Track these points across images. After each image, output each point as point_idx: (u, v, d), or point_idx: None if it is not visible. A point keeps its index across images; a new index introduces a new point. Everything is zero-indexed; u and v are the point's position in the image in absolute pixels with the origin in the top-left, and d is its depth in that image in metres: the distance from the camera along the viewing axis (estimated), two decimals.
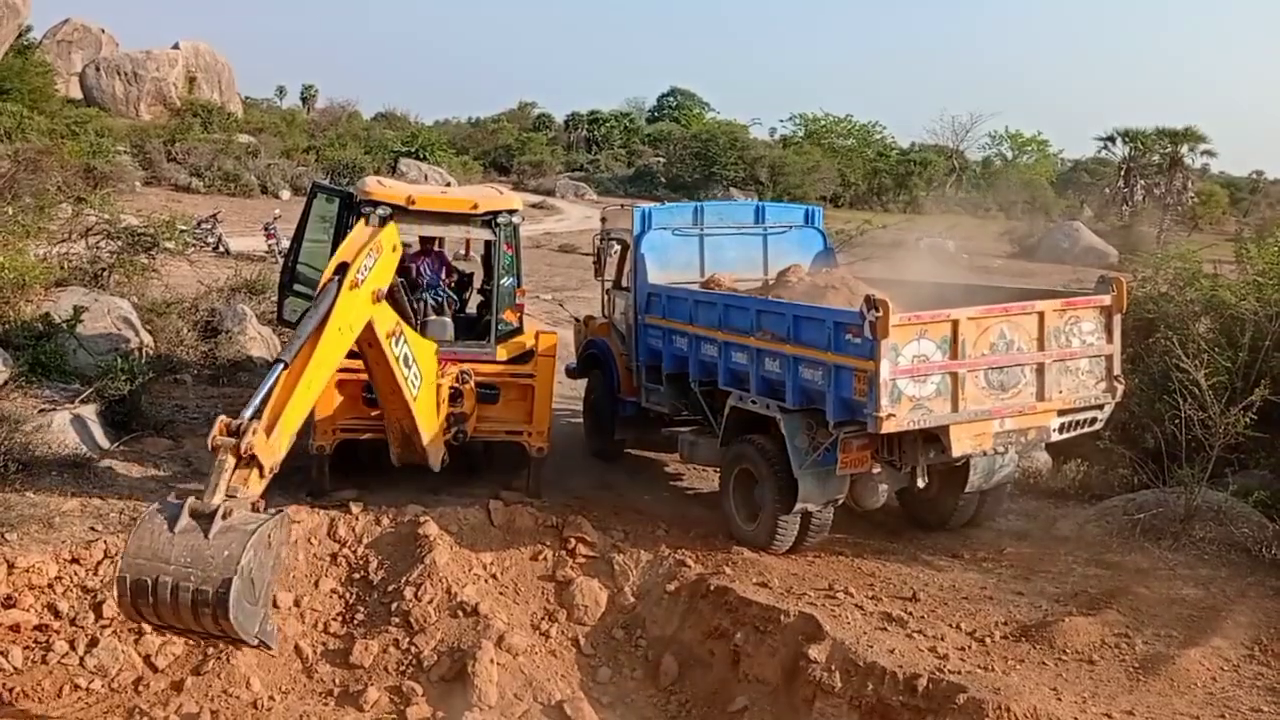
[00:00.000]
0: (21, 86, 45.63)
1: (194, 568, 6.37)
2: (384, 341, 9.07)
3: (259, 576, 6.61)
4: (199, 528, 6.44)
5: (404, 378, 9.45)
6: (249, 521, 6.56)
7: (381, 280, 8.80)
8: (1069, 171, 76.86)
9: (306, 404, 7.86)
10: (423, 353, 9.87)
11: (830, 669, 7.89)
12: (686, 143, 66.49)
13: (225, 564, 6.35)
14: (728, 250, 12.20)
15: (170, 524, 6.45)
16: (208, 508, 6.52)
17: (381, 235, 8.92)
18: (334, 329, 8.06)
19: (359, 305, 8.44)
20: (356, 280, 8.30)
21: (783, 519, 9.70)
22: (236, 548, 6.39)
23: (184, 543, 6.40)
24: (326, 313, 7.97)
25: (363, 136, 59.39)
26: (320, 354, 7.88)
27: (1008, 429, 9.32)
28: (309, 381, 7.75)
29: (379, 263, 8.70)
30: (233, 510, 6.57)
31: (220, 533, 6.43)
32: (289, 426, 7.45)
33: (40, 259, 15.14)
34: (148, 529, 6.50)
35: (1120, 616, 8.60)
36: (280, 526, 6.89)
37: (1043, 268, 39.72)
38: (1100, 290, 9.79)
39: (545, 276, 26.59)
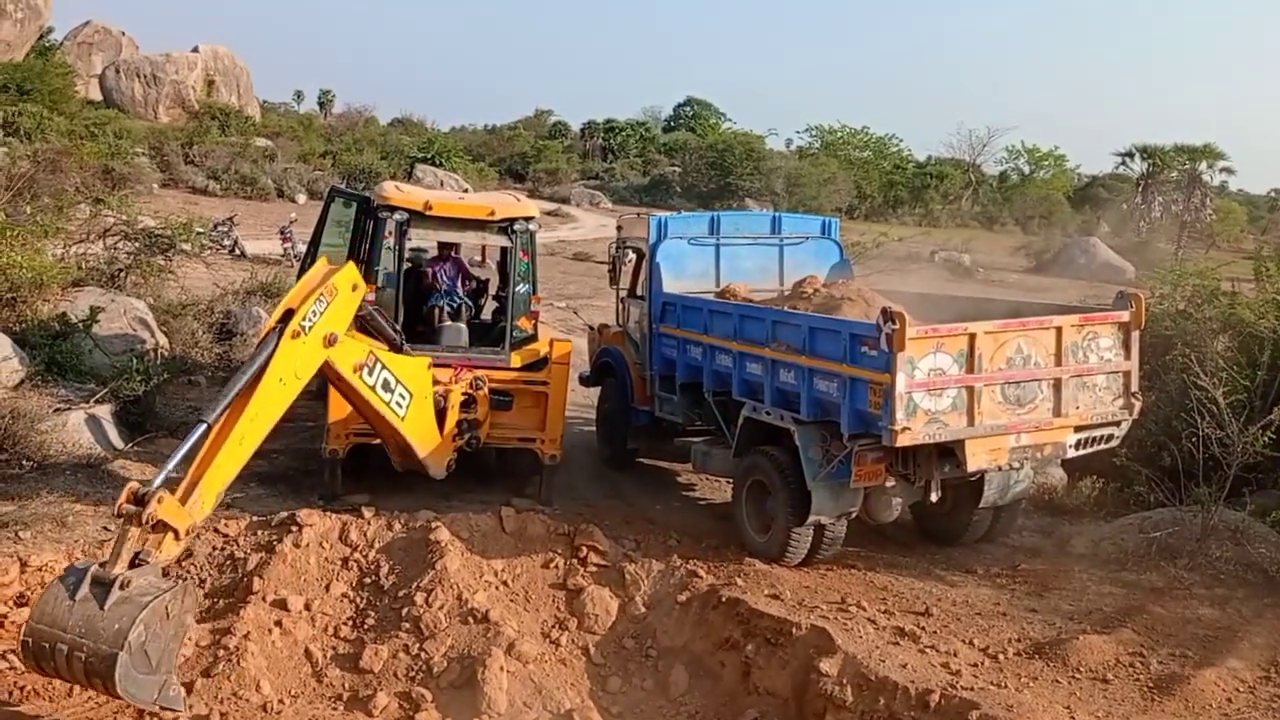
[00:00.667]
0: (42, 87, 45.92)
1: (87, 638, 6.41)
2: (351, 377, 8.88)
3: (153, 648, 6.60)
4: (96, 597, 6.45)
5: (384, 403, 9.28)
6: (146, 592, 6.55)
7: (336, 323, 8.43)
8: (1086, 187, 76.64)
9: (238, 461, 7.63)
10: (409, 370, 9.68)
11: (842, 683, 7.84)
12: (702, 153, 66.58)
13: (114, 638, 6.38)
14: (743, 260, 12.18)
15: (72, 591, 6.48)
16: (107, 576, 6.51)
17: (337, 277, 8.50)
18: (273, 380, 7.74)
19: (305, 353, 8.09)
20: (301, 329, 7.96)
21: (795, 531, 9.65)
22: (127, 621, 6.41)
23: (81, 612, 6.44)
24: (263, 366, 7.68)
25: (379, 142, 59.71)
26: (257, 406, 7.61)
27: (1024, 444, 9.27)
28: (241, 437, 7.50)
29: (332, 306, 8.32)
30: (132, 580, 6.56)
31: (115, 604, 6.45)
32: (213, 487, 7.32)
33: (58, 259, 15.20)
34: (53, 594, 6.55)
35: (1135, 635, 8.53)
36: (181, 596, 6.86)
37: (1058, 283, 39.53)
38: (1119, 306, 9.73)
39: (560, 284, 26.63)
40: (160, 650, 6.69)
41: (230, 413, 7.47)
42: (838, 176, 65.14)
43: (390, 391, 9.32)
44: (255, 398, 7.59)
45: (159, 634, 6.64)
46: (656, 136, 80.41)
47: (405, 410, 9.55)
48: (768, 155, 68.62)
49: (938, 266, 40.33)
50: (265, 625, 8.52)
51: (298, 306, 8.03)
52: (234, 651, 8.08)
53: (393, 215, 10.64)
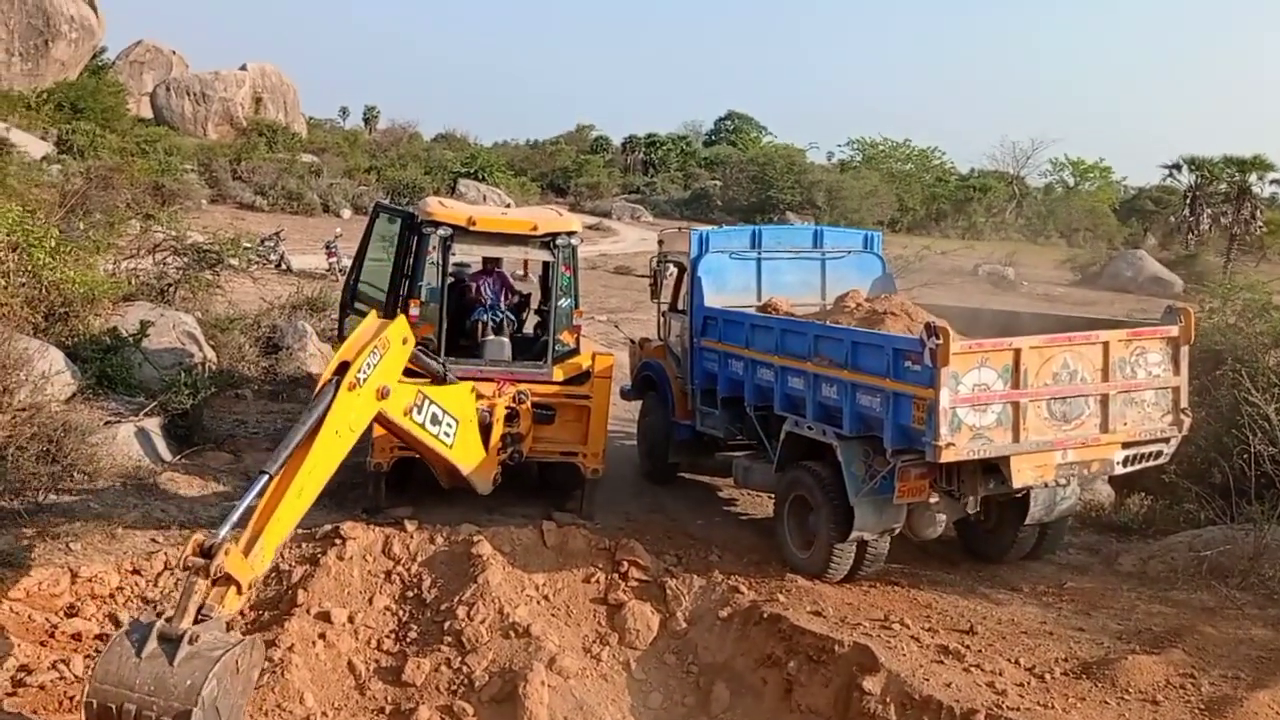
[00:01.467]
0: (95, 105, 46.98)
1: (157, 696, 6.25)
2: (402, 421, 9.07)
3: (224, 704, 6.48)
4: (165, 653, 6.30)
5: (433, 436, 9.47)
6: (216, 647, 6.41)
7: (389, 376, 8.57)
8: (1132, 199, 75.75)
9: (297, 513, 7.61)
10: (454, 399, 9.82)
11: (885, 701, 7.76)
12: (743, 166, 66.61)
13: (187, 694, 6.23)
14: (785, 274, 12.14)
15: (138, 648, 6.32)
16: (174, 632, 6.37)
17: (389, 330, 8.69)
18: (330, 432, 7.76)
19: (360, 406, 8.19)
20: (356, 380, 8.05)
21: (838, 547, 9.58)
22: (199, 676, 6.26)
23: (149, 669, 6.28)
24: (321, 417, 7.70)
25: (423, 157, 60.35)
26: (315, 459, 7.62)
27: (1070, 461, 9.15)
28: (300, 489, 7.48)
29: (384, 359, 8.44)
30: (200, 635, 6.43)
31: (185, 659, 6.30)
32: (273, 540, 7.30)
33: (109, 274, 15.49)
34: (116, 652, 6.39)
35: (1185, 656, 8.36)
36: (249, 651, 6.74)
37: (1105, 296, 39.08)
38: (1167, 321, 9.59)
39: (601, 298, 26.69)
40: (230, 706, 6.58)
41: (288, 465, 7.46)
42: (880, 189, 64.84)
43: (438, 424, 9.49)
44: (314, 450, 7.61)
45: (229, 689, 6.53)
46: (697, 150, 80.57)
47: (453, 439, 9.72)
48: (809, 169, 68.52)
49: (981, 280, 40.05)
50: (309, 638, 8.59)
51: (353, 359, 8.12)
52: (278, 664, 8.15)
53: (436, 230, 10.73)
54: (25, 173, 24.74)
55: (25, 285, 12.86)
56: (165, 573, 9.12)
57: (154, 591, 8.98)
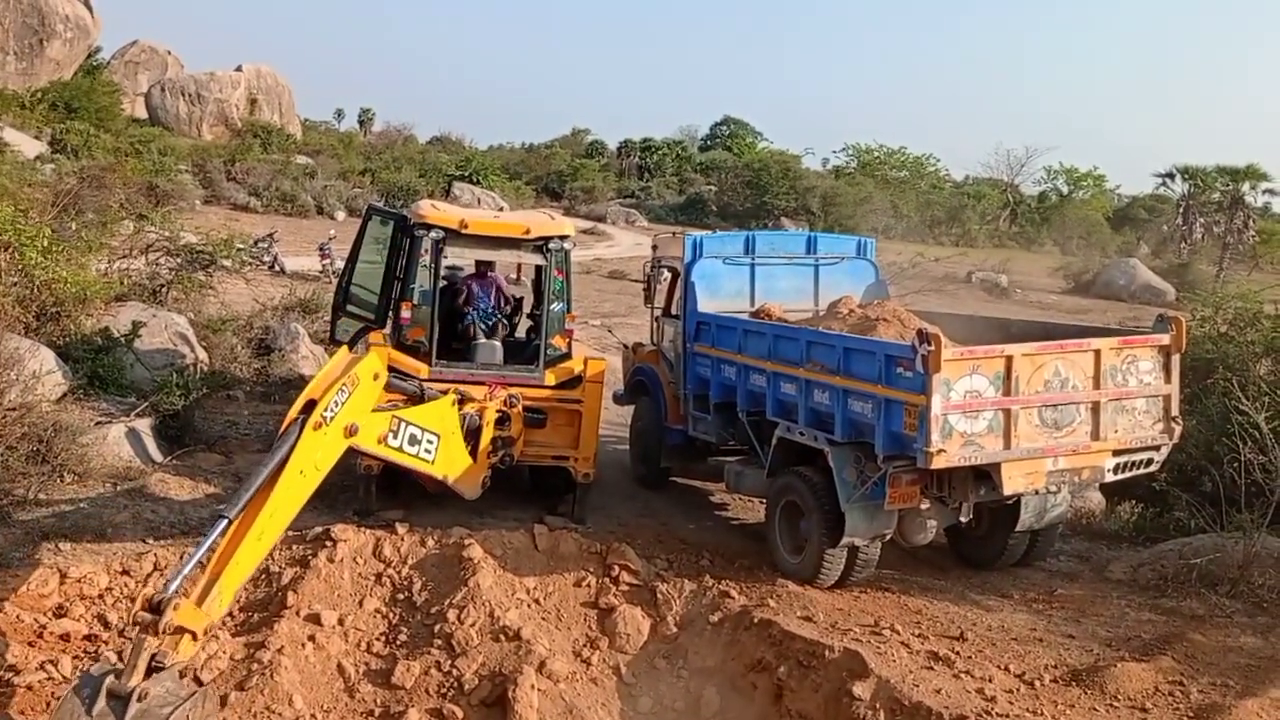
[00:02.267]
0: (89, 105, 46.86)
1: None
2: (377, 450, 8.96)
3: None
4: (114, 711, 6.21)
5: (412, 457, 9.37)
6: (166, 703, 6.29)
7: (357, 413, 8.34)
8: (1126, 208, 76.12)
9: (257, 556, 7.43)
10: (433, 415, 9.70)
11: (875, 707, 7.76)
12: (738, 172, 66.74)
13: None
14: (779, 280, 12.15)
15: (88, 705, 6.21)
16: (124, 689, 6.25)
17: (359, 366, 8.45)
18: (294, 472, 7.56)
19: (327, 445, 7.98)
20: (322, 420, 7.82)
21: (829, 553, 9.59)
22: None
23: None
24: (284, 459, 7.49)
25: (418, 160, 60.28)
26: (278, 500, 7.39)
27: (1061, 468, 9.16)
28: (260, 532, 7.26)
29: (353, 396, 8.21)
30: (150, 690, 6.29)
31: (134, 718, 6.21)
32: (231, 584, 7.08)
33: (101, 274, 15.45)
34: (67, 709, 6.27)
35: (1175, 663, 8.38)
36: (201, 703, 6.57)
37: (1098, 304, 39.25)
38: (1159, 329, 9.62)
39: (594, 302, 26.68)
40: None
41: (250, 508, 7.26)
42: (874, 196, 65.03)
43: (417, 444, 9.39)
44: (276, 491, 7.36)
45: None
46: (693, 155, 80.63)
47: (434, 455, 9.63)
48: (804, 175, 68.69)
49: (975, 287, 40.16)
50: (299, 640, 8.56)
51: (320, 397, 7.90)
52: (267, 666, 8.12)
53: (429, 233, 10.73)
54: (18, 172, 24.62)
55: (17, 284, 12.84)
56: (154, 574, 9.08)
57: (144, 592, 8.93)
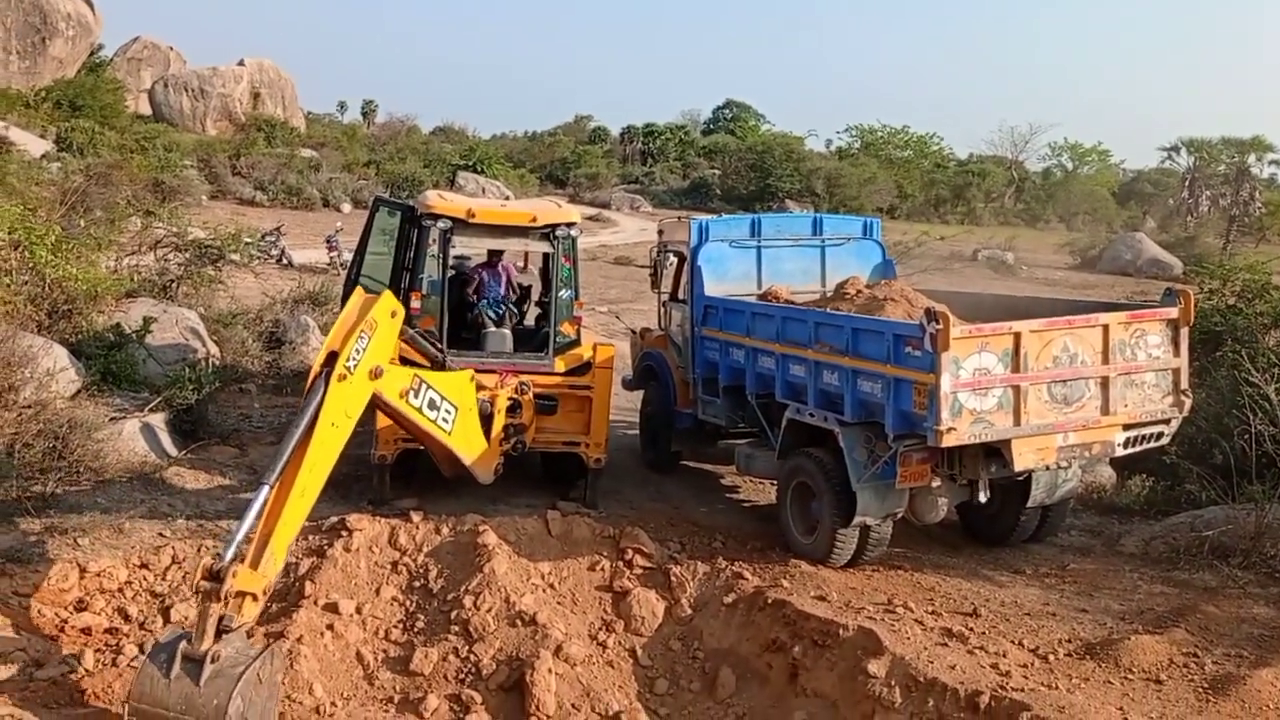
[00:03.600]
0: (93, 103, 46.96)
1: (189, 714, 6.70)
2: (397, 403, 8.94)
3: (252, 713, 6.89)
4: (190, 674, 6.72)
5: (431, 421, 9.35)
6: (238, 663, 6.81)
7: (380, 356, 8.40)
8: (1131, 182, 75.80)
9: (302, 512, 7.71)
10: (453, 385, 9.74)
11: (890, 684, 7.81)
12: (742, 155, 66.55)
13: (215, 713, 6.67)
14: (785, 262, 12.17)
15: (165, 669, 6.76)
16: (197, 653, 6.76)
17: (375, 309, 8.40)
18: (326, 425, 7.74)
19: (354, 392, 8.07)
20: (346, 371, 7.93)
21: (841, 532, 9.63)
22: (224, 696, 6.69)
23: (178, 689, 6.73)
24: (314, 415, 7.67)
25: (421, 150, 60.29)
26: (314, 454, 7.63)
27: (1071, 443, 9.19)
28: (302, 488, 7.56)
29: (373, 340, 8.26)
30: (221, 653, 6.80)
31: (210, 679, 6.71)
32: (282, 543, 7.45)
33: (111, 271, 15.53)
34: (147, 673, 6.83)
35: (1188, 635, 8.42)
36: (269, 661, 7.10)
37: (1105, 280, 39.14)
38: (1167, 303, 9.63)
39: (601, 289, 26.71)
40: (259, 713, 6.97)
41: (288, 470, 7.53)
42: (878, 176, 64.82)
43: (436, 409, 9.39)
44: (312, 447, 7.62)
45: (254, 700, 6.91)
46: (696, 140, 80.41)
47: (451, 425, 9.64)
48: (807, 156, 68.46)
49: (981, 265, 40.08)
50: (317, 629, 8.65)
51: (340, 348, 8.00)
52: (287, 655, 8.20)
53: (436, 223, 10.77)
54: (25, 171, 24.70)
55: (28, 283, 12.92)
56: (173, 566, 9.17)
57: (162, 585, 9.03)
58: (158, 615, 8.77)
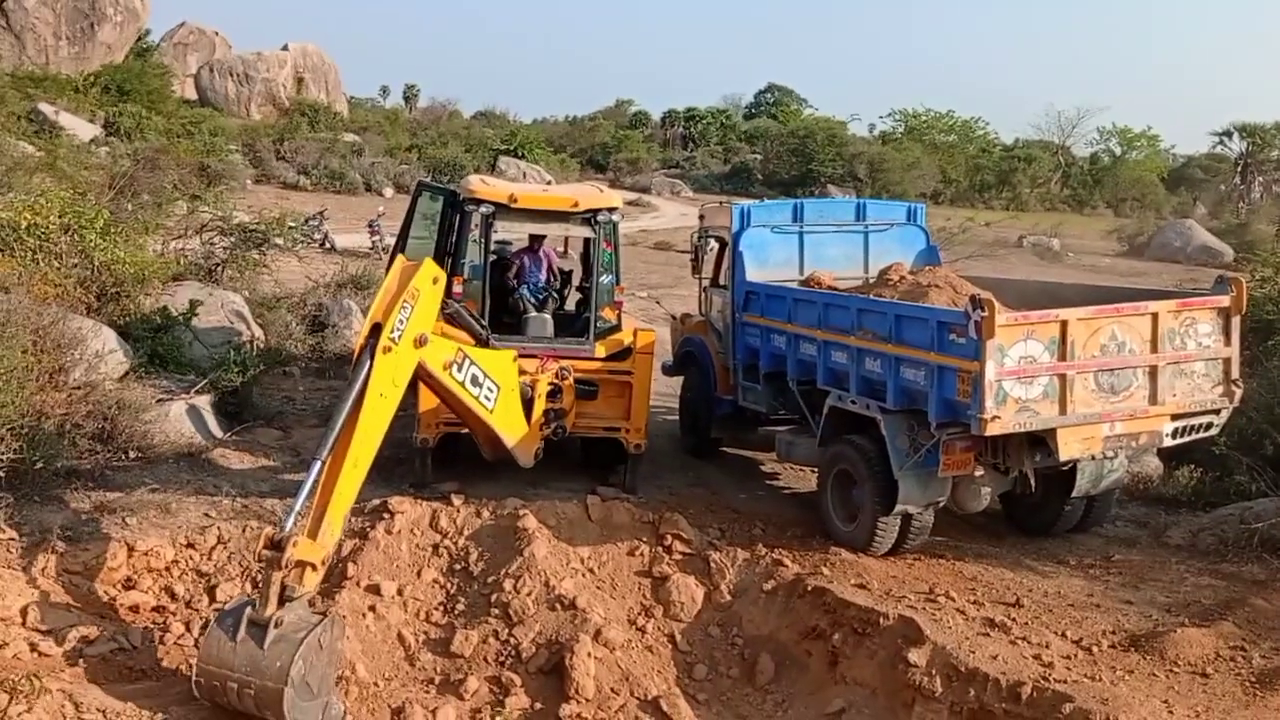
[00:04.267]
0: (141, 88, 47.44)
1: (253, 676, 7.08)
2: (441, 375, 8.99)
3: (313, 677, 7.26)
4: (255, 638, 7.11)
5: (473, 397, 9.41)
6: (300, 629, 7.19)
7: (424, 324, 8.47)
8: (1181, 168, 74.44)
9: (356, 483, 7.92)
10: (496, 364, 9.79)
11: (931, 673, 7.78)
12: (784, 139, 66.13)
13: (278, 675, 7.03)
14: (828, 248, 12.07)
15: (232, 633, 7.16)
16: (262, 618, 7.14)
17: (417, 278, 8.44)
18: (374, 396, 7.92)
19: (400, 362, 8.22)
20: (391, 342, 8.06)
21: (882, 520, 9.58)
22: (287, 659, 7.05)
23: (244, 652, 7.11)
24: (362, 387, 7.85)
25: (463, 135, 60.47)
26: (364, 426, 7.83)
27: (1118, 433, 9.07)
28: (355, 459, 7.79)
29: (417, 309, 8.33)
30: (284, 619, 7.17)
31: (273, 643, 7.08)
32: (338, 514, 7.75)
33: (158, 254, 15.71)
34: (215, 637, 7.25)
35: (1236, 629, 8.29)
36: (330, 628, 7.45)
37: (1153, 267, 38.52)
38: (1218, 291, 9.46)
39: (641, 274, 26.67)
40: (319, 678, 7.33)
41: (339, 443, 7.75)
42: (922, 161, 64.15)
43: (479, 386, 9.45)
44: (361, 418, 7.82)
45: (316, 664, 7.27)
46: (737, 124, 79.99)
47: (494, 403, 9.68)
48: (850, 141, 67.94)
49: (1026, 252, 39.59)
50: (360, 610, 8.74)
51: (384, 319, 8.09)
52: None
53: (479, 208, 10.79)
54: (75, 155, 25.08)
55: (77, 266, 13.09)
56: (218, 546, 9.29)
57: (208, 565, 9.16)
58: (204, 594, 8.91)
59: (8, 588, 8.23)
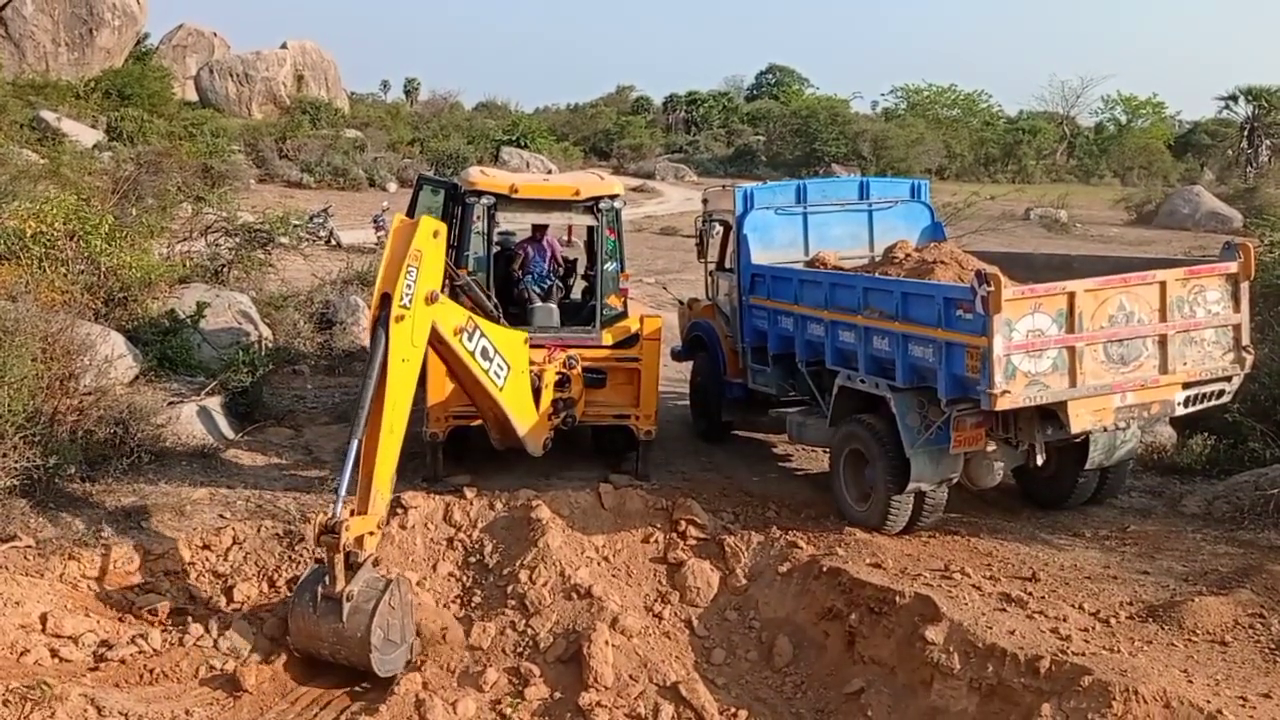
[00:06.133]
0: (141, 92, 47.49)
1: (340, 645, 7.84)
2: (451, 339, 9.06)
3: (394, 633, 7.97)
4: (333, 611, 7.77)
5: (483, 370, 9.48)
6: (370, 597, 7.81)
7: (432, 281, 8.61)
8: (1187, 134, 73.98)
9: (395, 449, 8.27)
10: (507, 343, 9.84)
11: (948, 650, 7.76)
12: (786, 120, 66.03)
13: (361, 645, 7.76)
14: (832, 228, 12.02)
15: (311, 608, 7.86)
16: (334, 594, 7.75)
17: (417, 237, 8.47)
18: (397, 363, 8.22)
19: (416, 325, 8.43)
20: (402, 311, 8.27)
21: (895, 499, 9.56)
22: (365, 629, 7.73)
23: (326, 625, 7.82)
24: (384, 361, 8.13)
25: (465, 127, 60.38)
26: (394, 392, 8.17)
27: (1129, 404, 9.02)
28: (390, 426, 8.14)
29: (422, 269, 8.44)
30: (354, 591, 7.76)
31: (350, 615, 7.74)
32: (384, 481, 8.19)
33: (164, 257, 15.76)
34: (299, 612, 7.97)
35: (1254, 596, 8.25)
36: (396, 590, 8.03)
37: (1162, 235, 38.36)
38: (1226, 257, 9.39)
39: (647, 260, 26.64)
40: (399, 630, 8.02)
41: (370, 423, 8.05)
42: (926, 137, 63.91)
43: (489, 360, 9.54)
44: (389, 387, 8.12)
45: (393, 622, 7.93)
46: (739, 106, 79.75)
47: (504, 381, 9.75)
48: (853, 119, 67.64)
49: (1034, 224, 39.41)
50: None
51: (392, 288, 8.29)
52: None
53: (480, 200, 10.78)
54: (78, 161, 25.13)
55: (84, 272, 13.13)
56: (234, 547, 9.33)
57: (224, 565, 9.20)
58: (221, 595, 8.94)
59: (27, 594, 8.28)
